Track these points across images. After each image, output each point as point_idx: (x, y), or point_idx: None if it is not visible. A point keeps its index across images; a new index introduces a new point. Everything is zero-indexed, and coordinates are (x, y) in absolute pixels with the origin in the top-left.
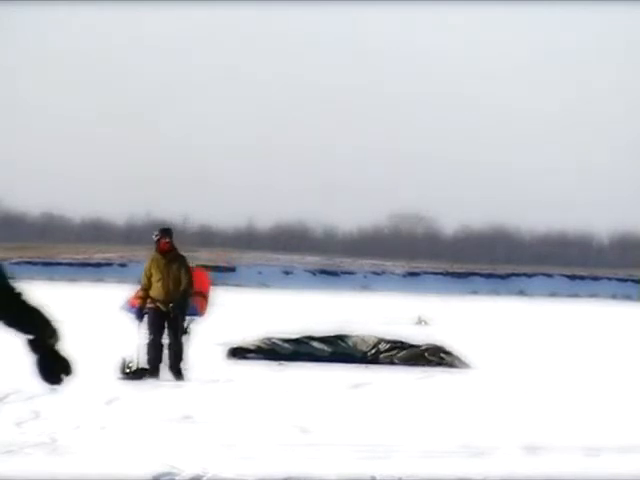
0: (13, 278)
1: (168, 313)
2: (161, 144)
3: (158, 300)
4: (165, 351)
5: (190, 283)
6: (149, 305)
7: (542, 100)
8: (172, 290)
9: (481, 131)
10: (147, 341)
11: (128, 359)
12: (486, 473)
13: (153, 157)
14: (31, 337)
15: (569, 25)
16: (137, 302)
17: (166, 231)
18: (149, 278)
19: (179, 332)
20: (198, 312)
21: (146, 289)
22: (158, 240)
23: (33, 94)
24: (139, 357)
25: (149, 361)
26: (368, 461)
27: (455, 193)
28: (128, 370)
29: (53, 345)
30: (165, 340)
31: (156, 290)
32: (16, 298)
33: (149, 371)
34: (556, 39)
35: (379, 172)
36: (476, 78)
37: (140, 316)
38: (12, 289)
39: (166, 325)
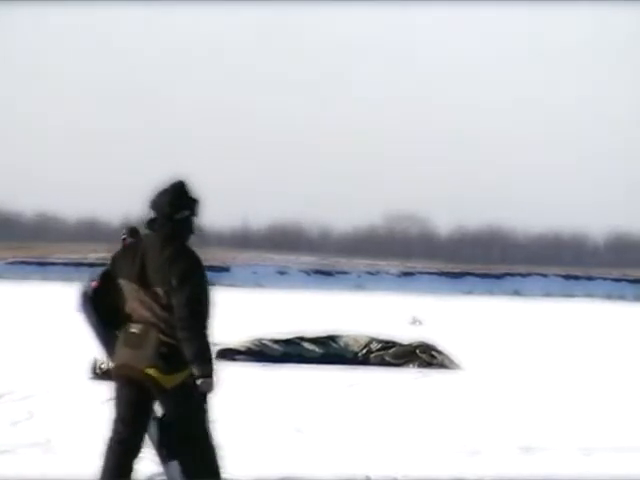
0: (210, 301)
1: None
2: (155, 143)
3: None
4: None
5: None
6: None
7: (537, 101)
8: None
9: (476, 131)
10: None
11: (100, 359)
12: (481, 473)
13: (147, 156)
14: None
15: (567, 24)
16: None
17: (132, 232)
18: None
19: None
20: None
21: None
22: (124, 240)
23: (27, 95)
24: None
25: None
26: (363, 461)
27: (450, 193)
28: (99, 370)
29: (205, 386)
30: None
31: None
32: (196, 325)
33: None
34: (553, 38)
35: (374, 172)
36: (471, 78)
37: None
38: (198, 313)
39: None
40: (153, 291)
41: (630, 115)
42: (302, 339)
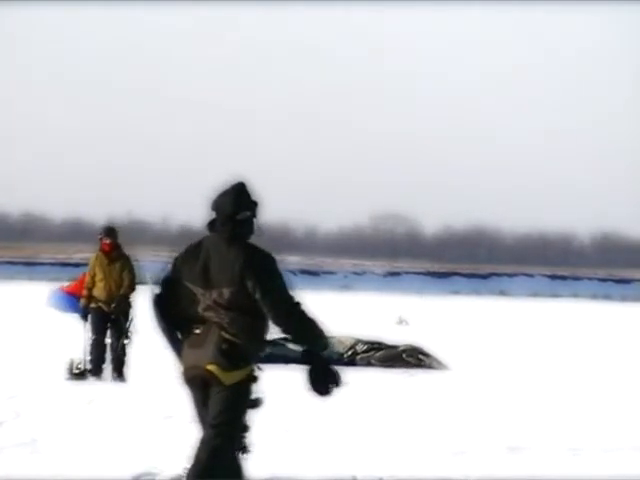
0: (293, 288)
1: (110, 314)
2: (143, 143)
3: (100, 300)
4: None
5: (131, 284)
6: (92, 305)
7: (525, 102)
8: (114, 290)
9: (462, 131)
10: (90, 341)
11: (77, 360)
12: (468, 473)
13: (134, 156)
14: (305, 348)
15: (560, 26)
16: (75, 292)
17: (108, 231)
18: (92, 277)
19: (121, 333)
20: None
21: (90, 288)
22: (101, 239)
23: (12, 95)
24: (86, 357)
25: (91, 361)
26: (349, 461)
27: (437, 193)
28: (77, 371)
29: (325, 357)
30: (108, 340)
31: (98, 290)
32: (295, 308)
33: (91, 371)
34: (545, 39)
35: (361, 172)
36: (458, 77)
37: (84, 315)
38: (292, 299)
39: (109, 326)
40: (218, 292)
41: (620, 116)
42: (287, 340)
